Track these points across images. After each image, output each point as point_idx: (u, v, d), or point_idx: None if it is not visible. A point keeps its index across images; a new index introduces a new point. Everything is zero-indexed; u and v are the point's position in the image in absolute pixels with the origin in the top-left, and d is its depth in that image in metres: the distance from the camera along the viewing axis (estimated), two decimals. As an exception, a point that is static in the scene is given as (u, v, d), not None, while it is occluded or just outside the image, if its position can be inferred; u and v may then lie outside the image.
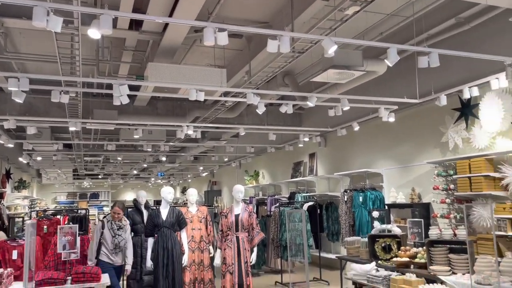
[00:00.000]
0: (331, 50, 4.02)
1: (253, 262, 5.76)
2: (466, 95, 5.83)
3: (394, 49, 4.28)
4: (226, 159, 16.70)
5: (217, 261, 5.86)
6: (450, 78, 6.63)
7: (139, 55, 7.63)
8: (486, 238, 6.00)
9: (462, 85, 5.87)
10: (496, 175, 6.00)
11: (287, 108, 6.40)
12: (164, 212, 5.82)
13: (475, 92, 5.81)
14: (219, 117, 9.85)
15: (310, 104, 6.08)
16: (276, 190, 13.93)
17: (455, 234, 5.31)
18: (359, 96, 6.48)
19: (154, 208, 6.30)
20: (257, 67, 7.18)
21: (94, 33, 3.98)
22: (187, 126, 8.28)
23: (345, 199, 9.10)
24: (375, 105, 6.91)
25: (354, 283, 6.10)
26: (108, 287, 5.34)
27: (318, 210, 10.04)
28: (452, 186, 6.63)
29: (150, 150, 12.05)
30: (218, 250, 5.89)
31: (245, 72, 7.54)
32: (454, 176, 6.56)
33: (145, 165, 18.45)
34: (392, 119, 7.22)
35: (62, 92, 5.47)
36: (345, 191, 9.25)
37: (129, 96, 5.55)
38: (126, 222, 5.58)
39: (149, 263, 5.65)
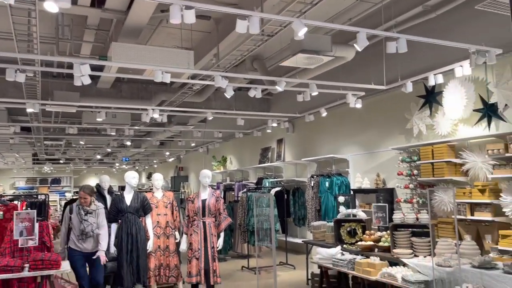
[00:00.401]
0: (301, 33, 3.96)
1: (220, 247, 5.71)
2: (431, 83, 5.93)
3: (363, 33, 4.26)
4: (193, 145, 16.50)
5: (183, 247, 5.78)
6: (416, 65, 6.73)
7: (102, 35, 7.32)
8: (446, 222, 6.20)
9: (428, 72, 5.96)
10: (457, 161, 6.18)
11: (255, 93, 6.33)
12: (128, 197, 5.66)
13: (440, 79, 5.92)
14: (186, 101, 9.66)
15: (279, 88, 6.02)
16: (244, 176, 13.91)
17: (417, 219, 5.43)
18: (328, 82, 6.48)
19: (118, 193, 6.12)
20: (226, 50, 7.04)
21: (51, 6, 3.73)
22: (153, 109, 8.06)
23: (312, 185, 9.17)
24: (343, 91, 6.93)
25: (320, 267, 6.17)
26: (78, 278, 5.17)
27: (285, 195, 10.10)
28: (415, 171, 6.79)
29: (114, 134, 11.69)
30: (184, 236, 5.80)
31: (213, 55, 7.38)
32: (417, 162, 6.71)
33: (109, 150, 17.98)
34: (359, 106, 7.28)
35: (18, 71, 5.15)
36: (312, 176, 9.31)
37: (92, 77, 5.31)
38: (97, 207, 5.28)
39: (112, 249, 5.50)
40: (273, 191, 9.83)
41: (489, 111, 5.91)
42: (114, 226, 5.59)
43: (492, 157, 5.59)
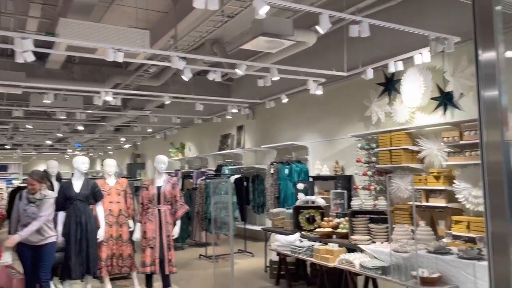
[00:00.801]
0: (262, 11, 3.79)
1: (176, 235, 5.50)
2: (392, 70, 5.94)
3: (326, 16, 4.15)
4: (150, 130, 16.01)
5: (137, 235, 5.53)
6: (376, 52, 6.73)
7: (49, 10, 6.81)
8: (402, 208, 6.29)
9: (388, 59, 5.96)
10: (414, 148, 6.26)
11: (215, 76, 6.10)
12: (77, 184, 5.32)
13: (400, 66, 5.94)
14: (142, 84, 9.27)
15: (239, 72, 5.83)
16: (203, 163, 13.67)
17: (375, 205, 5.46)
18: (289, 67, 6.35)
19: (67, 179, 5.75)
20: (184, 32, 6.74)
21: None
22: (106, 92, 7.65)
23: (272, 172, 9.11)
24: (304, 77, 6.84)
25: (279, 254, 6.10)
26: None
27: (245, 182, 9.99)
28: (373, 159, 6.83)
29: (64, 118, 11.08)
30: (138, 224, 5.55)
31: (171, 37, 7.06)
32: (376, 149, 6.75)
33: (60, 135, 17.12)
34: (319, 92, 7.22)
35: (-48, 45, 4.66)
36: (272, 163, 9.24)
37: (40, 57, 4.92)
38: (43, 196, 4.78)
39: (60, 239, 5.16)
40: (232, 178, 9.67)
41: (445, 100, 6.01)
42: (61, 215, 5.25)
43: (448, 144, 5.69)
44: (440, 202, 5.77)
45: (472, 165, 5.43)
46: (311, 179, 8.35)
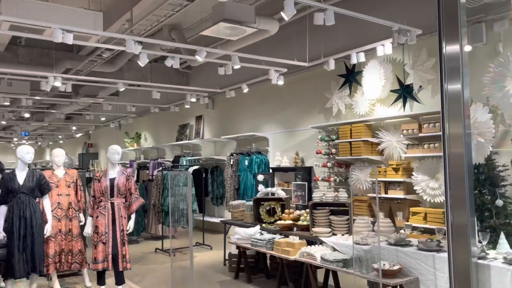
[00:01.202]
0: (225, -6, 3.57)
1: (130, 230, 5.22)
2: (354, 61, 5.90)
3: (291, 1, 4.00)
4: (103, 119, 15.34)
5: (88, 230, 5.19)
6: (339, 43, 6.68)
7: (-10, -14, 6.22)
8: (361, 200, 6.31)
9: (350, 50, 5.91)
10: (374, 140, 6.29)
11: (173, 62, 5.80)
12: (21, 175, 4.90)
13: (362, 58, 5.91)
14: (95, 70, 8.78)
15: (199, 59, 5.57)
16: (160, 154, 13.27)
17: (336, 197, 5.42)
18: (250, 55, 6.16)
19: (9, 170, 5.29)
20: (140, 15, 6.39)
21: None
22: (54, 77, 7.14)
23: (231, 163, 8.94)
24: (265, 66, 6.67)
25: (238, 247, 5.96)
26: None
27: (204, 174, 9.77)
28: (334, 150, 6.82)
29: (8, 104, 10.34)
30: (89, 218, 5.21)
31: (126, 20, 6.68)
32: (336, 141, 6.73)
33: (4, 123, 16.07)
34: (281, 82, 7.10)
35: None
36: (232, 154, 9.07)
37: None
38: None
39: (1, 235, 4.75)
40: (190, 169, 9.42)
41: (404, 92, 6.05)
42: (3, 209, 4.82)
43: (407, 137, 5.73)
44: (398, 194, 5.82)
45: (430, 158, 5.50)
46: (271, 171, 8.26)
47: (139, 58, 5.46)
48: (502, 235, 3.74)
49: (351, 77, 6.80)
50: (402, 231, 4.92)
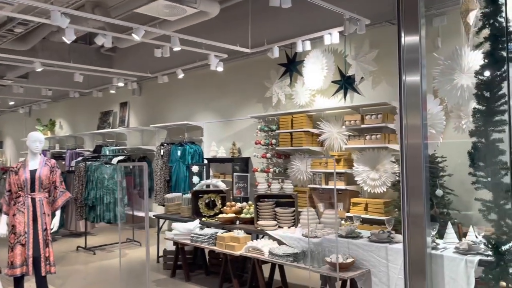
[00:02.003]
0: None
1: (55, 228, 4.59)
2: (299, 49, 5.76)
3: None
4: (12, 103, 13.75)
5: (2, 231, 4.46)
6: (283, 30, 6.49)
7: None
8: (302, 191, 6.24)
9: (296, 38, 5.75)
10: (315, 131, 6.24)
11: (105, 40, 5.18)
12: None
13: (308, 46, 5.79)
14: (3, 48, 7.72)
15: (136, 37, 5.03)
16: (78, 143, 12.22)
17: (281, 188, 5.27)
18: (191, 37, 5.73)
19: None
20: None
21: None
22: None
23: (162, 153, 8.44)
24: (205, 50, 6.28)
25: (176, 243, 5.57)
26: None
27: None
28: (274, 141, 6.66)
29: None
30: (5, 216, 4.48)
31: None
32: (276, 131, 6.58)
33: None
34: (220, 69, 6.76)
35: None
36: (162, 144, 8.56)
37: None
38: None
39: None
40: (115, 160, 8.72)
41: (346, 83, 6.06)
42: None
43: (349, 128, 5.75)
44: (339, 185, 5.83)
45: (371, 149, 5.57)
46: (206, 161, 7.91)
47: (64, 33, 4.77)
48: (450, 225, 3.83)
49: (292, 66, 6.67)
50: (352, 222, 4.91)
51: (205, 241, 5.11)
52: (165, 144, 8.51)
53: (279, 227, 4.93)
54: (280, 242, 4.66)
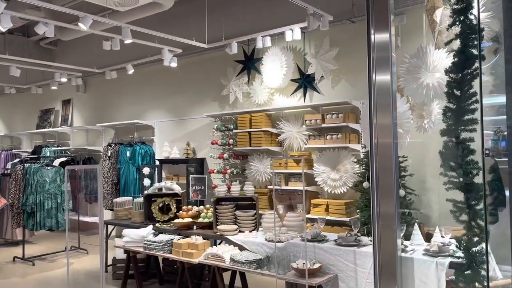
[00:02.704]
0: None
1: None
2: (259, 45, 5.54)
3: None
4: None
5: None
6: (241, 26, 6.23)
7: None
8: (261, 193, 6.03)
9: (256, 34, 5.53)
10: (274, 130, 6.05)
11: (46, 29, 4.65)
12: None
13: (268, 42, 5.59)
14: None
15: (83, 27, 4.56)
16: (15, 143, 11.27)
17: (229, 189, 5.01)
18: (144, 29, 5.32)
19: None
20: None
21: None
22: None
23: (109, 154, 7.91)
24: (158, 44, 5.89)
25: (127, 251, 5.15)
26: None
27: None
28: (231, 141, 6.40)
29: None
30: None
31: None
32: (234, 131, 6.33)
33: None
34: (174, 64, 6.40)
35: None
36: (109, 144, 8.03)
37: None
38: None
39: None
40: (57, 162, 8.08)
41: (305, 82, 5.92)
42: None
43: (310, 127, 5.61)
44: (299, 186, 5.68)
45: (331, 149, 5.46)
46: (158, 163, 7.50)
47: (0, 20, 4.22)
48: (416, 226, 3.77)
49: (250, 63, 6.44)
50: (313, 224, 4.76)
51: (160, 249, 4.74)
52: (113, 145, 7.99)
53: (240, 231, 4.67)
54: (241, 248, 4.41)
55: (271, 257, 3.97)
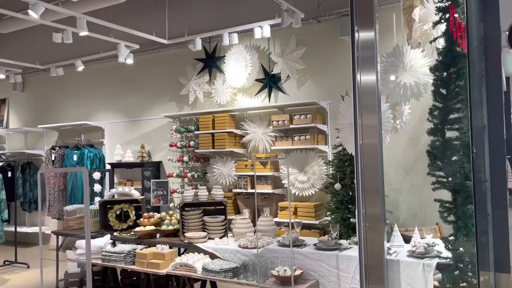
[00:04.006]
0: None
1: None
2: (226, 42, 5.30)
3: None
4: None
5: None
6: (205, 22, 5.95)
7: None
8: (225, 196, 5.77)
9: (222, 30, 5.28)
10: (238, 132, 5.83)
11: (-13, 16, 4.10)
12: None
13: (235, 39, 5.36)
14: None
15: (34, 15, 4.05)
16: None
17: (210, 195, 4.73)
18: (101, 21, 4.87)
19: None
20: None
21: None
22: None
23: (53, 158, 7.27)
24: (114, 39, 5.45)
25: (81, 264, 4.67)
26: None
27: (9, 172, 7.73)
28: (192, 143, 6.08)
29: None
30: None
31: None
32: (196, 132, 6.02)
33: None
34: (130, 61, 5.98)
35: None
36: (53, 148, 7.38)
37: None
38: None
39: None
40: (-9, 167, 7.30)
41: (270, 82, 5.76)
42: None
43: (277, 128, 5.45)
44: (266, 189, 5.50)
45: (298, 150, 5.34)
46: (109, 167, 6.98)
47: None
48: (396, 228, 3.72)
49: (211, 62, 6.17)
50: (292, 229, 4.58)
51: (122, 260, 4.33)
52: (57, 148, 7.35)
53: (210, 238, 4.39)
54: (212, 256, 4.13)
55: (248, 265, 3.73)
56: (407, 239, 3.66)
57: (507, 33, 5.11)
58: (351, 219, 4.43)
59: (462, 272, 3.00)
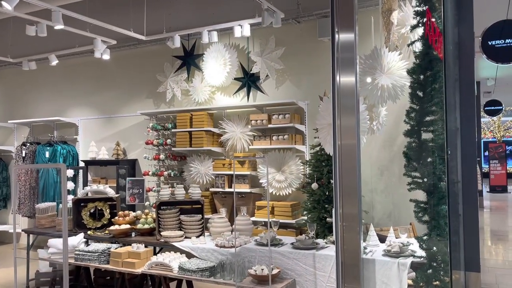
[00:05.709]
0: None
1: None
2: (205, 40, 5.26)
3: None
4: None
5: None
6: (185, 18, 5.89)
7: None
8: (202, 195, 5.73)
9: (202, 27, 5.23)
10: (216, 130, 5.80)
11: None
12: None
13: (215, 37, 5.32)
14: None
15: (7, 6, 3.90)
16: None
17: (188, 194, 4.69)
18: (78, 15, 4.74)
19: None
20: None
21: None
22: None
23: (23, 155, 7.06)
24: (91, 34, 5.32)
25: (53, 264, 4.55)
26: None
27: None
28: (169, 141, 6.02)
29: None
30: None
31: None
32: (173, 130, 5.96)
33: None
34: (107, 57, 5.86)
35: None
36: (24, 144, 7.17)
37: None
38: None
39: None
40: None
41: (249, 81, 5.76)
42: None
43: (255, 128, 5.45)
44: (243, 188, 5.50)
45: (276, 149, 5.35)
46: (82, 164, 6.83)
47: None
48: (372, 227, 3.77)
49: (189, 59, 6.11)
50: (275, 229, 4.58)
51: (96, 259, 4.24)
52: (28, 144, 7.14)
53: (186, 237, 4.35)
54: (189, 255, 4.09)
55: (225, 264, 3.72)
56: (382, 239, 3.72)
57: (480, 38, 5.28)
58: (327, 219, 4.49)
59: (436, 270, 3.08)
